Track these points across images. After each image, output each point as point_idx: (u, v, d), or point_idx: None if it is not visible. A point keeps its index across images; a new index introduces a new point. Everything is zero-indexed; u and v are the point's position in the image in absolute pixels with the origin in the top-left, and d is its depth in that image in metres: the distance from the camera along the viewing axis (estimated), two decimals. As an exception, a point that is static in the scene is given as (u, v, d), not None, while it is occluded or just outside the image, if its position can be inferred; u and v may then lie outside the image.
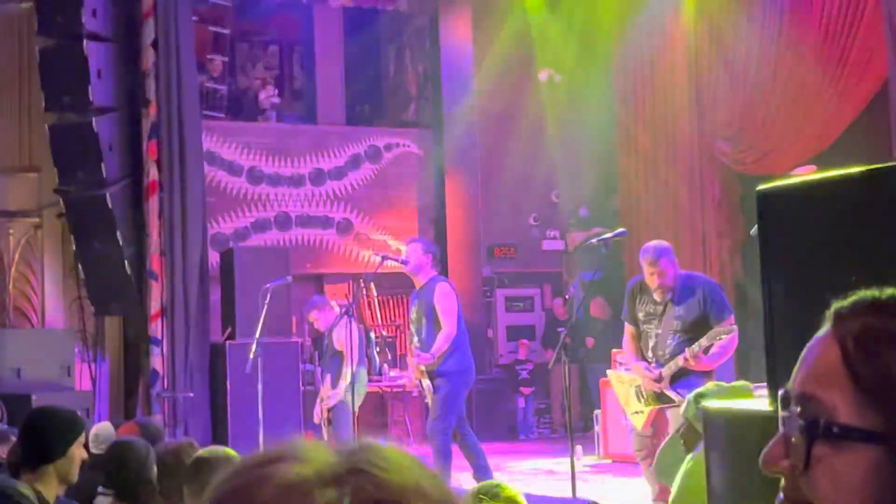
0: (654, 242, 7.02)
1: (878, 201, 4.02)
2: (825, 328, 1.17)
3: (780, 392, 1.16)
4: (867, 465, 1.08)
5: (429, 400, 8.41)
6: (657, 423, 6.89)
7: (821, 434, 1.09)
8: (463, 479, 8.54)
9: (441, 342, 8.15)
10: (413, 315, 8.50)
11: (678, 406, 6.72)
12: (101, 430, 5.54)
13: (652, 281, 6.78)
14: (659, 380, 6.78)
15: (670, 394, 6.72)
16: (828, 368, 1.13)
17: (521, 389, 14.25)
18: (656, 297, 6.81)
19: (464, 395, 8.46)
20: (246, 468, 0.83)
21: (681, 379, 6.73)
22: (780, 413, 1.16)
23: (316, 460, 0.82)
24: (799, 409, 1.13)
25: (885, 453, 1.07)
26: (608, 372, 7.71)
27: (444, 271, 8.79)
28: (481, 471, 8.33)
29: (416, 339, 8.40)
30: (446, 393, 8.20)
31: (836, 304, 1.18)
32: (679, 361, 6.63)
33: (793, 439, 1.12)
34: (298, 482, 0.80)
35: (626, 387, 7.09)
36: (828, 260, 4.20)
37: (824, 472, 1.10)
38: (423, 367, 8.26)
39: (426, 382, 8.31)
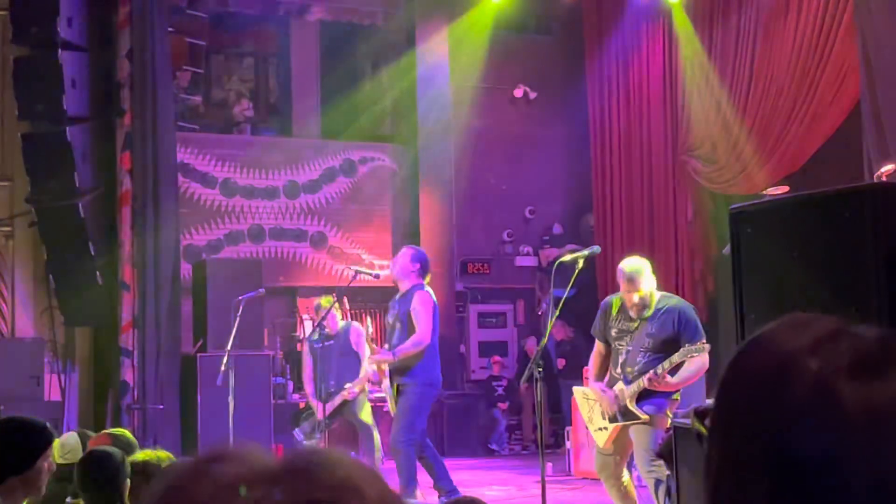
0: (631, 259, 7.01)
1: (847, 221, 4.05)
2: None
3: None
4: None
5: (391, 404, 8.37)
6: (620, 441, 6.88)
7: None
8: (427, 494, 8.53)
9: (408, 344, 8.13)
10: (389, 320, 8.52)
11: (642, 423, 6.73)
12: (68, 441, 5.48)
13: (629, 298, 6.78)
14: (615, 399, 6.79)
15: (635, 410, 6.72)
16: None
17: (492, 406, 14.24)
18: (632, 313, 6.81)
19: (429, 407, 8.44)
20: (182, 468, 0.84)
21: (648, 397, 6.73)
22: None
23: (252, 460, 0.83)
24: None
25: None
26: (574, 388, 7.68)
27: (422, 283, 8.77)
28: (443, 484, 8.30)
29: (387, 343, 8.44)
30: (411, 404, 8.16)
31: None
32: (643, 382, 6.63)
33: None
34: (233, 480, 0.80)
35: (591, 403, 7.08)
36: (799, 278, 4.23)
37: None
38: (384, 367, 8.27)
39: (385, 383, 8.30)
